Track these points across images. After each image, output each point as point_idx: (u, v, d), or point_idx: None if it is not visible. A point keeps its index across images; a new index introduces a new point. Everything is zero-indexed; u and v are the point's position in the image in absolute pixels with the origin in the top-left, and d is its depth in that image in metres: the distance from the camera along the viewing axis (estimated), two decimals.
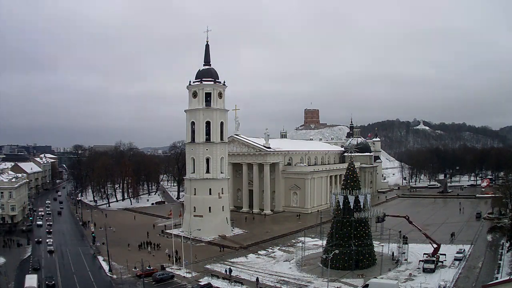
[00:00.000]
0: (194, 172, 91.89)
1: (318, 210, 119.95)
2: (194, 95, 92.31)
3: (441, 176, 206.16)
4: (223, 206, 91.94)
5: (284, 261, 70.05)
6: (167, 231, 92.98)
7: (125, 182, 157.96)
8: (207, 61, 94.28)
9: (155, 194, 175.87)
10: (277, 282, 58.55)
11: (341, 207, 64.42)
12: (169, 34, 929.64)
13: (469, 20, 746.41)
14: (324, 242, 68.88)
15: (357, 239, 63.12)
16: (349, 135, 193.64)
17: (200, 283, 57.40)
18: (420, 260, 65.35)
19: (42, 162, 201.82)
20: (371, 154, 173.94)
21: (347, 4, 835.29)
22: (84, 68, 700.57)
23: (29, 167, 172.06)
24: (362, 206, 64.18)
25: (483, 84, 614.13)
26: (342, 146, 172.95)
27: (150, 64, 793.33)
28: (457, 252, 68.98)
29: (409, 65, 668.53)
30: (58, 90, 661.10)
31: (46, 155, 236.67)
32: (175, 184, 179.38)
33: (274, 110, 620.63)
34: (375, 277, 56.25)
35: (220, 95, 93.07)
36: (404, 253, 68.85)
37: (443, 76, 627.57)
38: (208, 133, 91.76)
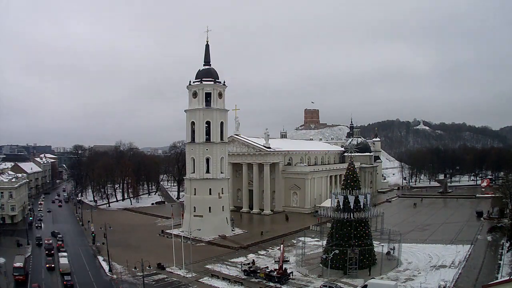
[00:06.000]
0: (194, 172, 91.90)
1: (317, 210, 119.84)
2: (194, 95, 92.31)
3: (441, 176, 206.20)
4: (223, 206, 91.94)
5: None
6: (167, 231, 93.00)
7: (125, 182, 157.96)
8: (207, 61, 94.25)
9: (155, 194, 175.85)
10: (277, 282, 58.53)
11: (341, 207, 64.38)
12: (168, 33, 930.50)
13: (469, 18, 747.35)
14: (324, 242, 68.90)
15: (357, 239, 63.09)
16: (349, 135, 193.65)
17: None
18: None
19: (42, 162, 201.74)
20: (371, 154, 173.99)
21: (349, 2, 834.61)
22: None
23: (29, 167, 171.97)
24: (362, 206, 64.15)
25: (483, 83, 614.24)
26: (342, 146, 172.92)
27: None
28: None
29: (410, 64, 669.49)
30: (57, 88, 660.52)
31: (46, 155, 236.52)
32: (175, 184, 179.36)
33: (274, 110, 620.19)
34: (373, 278, 56.21)
35: (220, 95, 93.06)
36: (392, 249, 68.75)
37: (444, 76, 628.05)
38: (208, 133, 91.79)
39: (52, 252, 75.22)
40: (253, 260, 68.38)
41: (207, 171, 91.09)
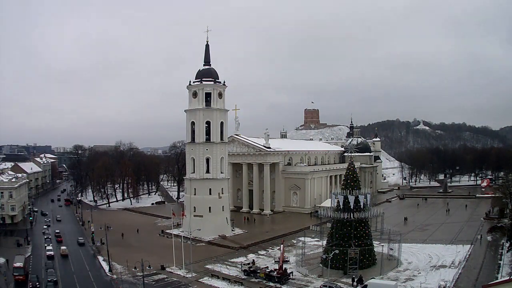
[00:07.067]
0: (194, 172, 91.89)
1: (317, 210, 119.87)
2: (194, 95, 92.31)
3: (441, 176, 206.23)
4: (223, 206, 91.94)
5: None
6: (167, 231, 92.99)
7: (125, 182, 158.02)
8: (207, 61, 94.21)
9: (155, 194, 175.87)
10: (277, 282, 58.53)
11: (341, 207, 64.38)
12: (168, 33, 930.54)
13: (469, 18, 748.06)
14: (324, 242, 68.90)
15: (357, 239, 63.09)
16: (349, 135, 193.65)
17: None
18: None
19: (42, 162, 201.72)
20: (371, 154, 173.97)
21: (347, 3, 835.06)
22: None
23: (29, 167, 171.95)
24: (362, 206, 64.14)
25: (483, 83, 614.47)
26: (342, 146, 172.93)
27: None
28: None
29: (410, 64, 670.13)
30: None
31: (46, 155, 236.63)
32: (175, 184, 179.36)
33: (274, 110, 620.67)
34: (373, 278, 56.21)
35: (220, 95, 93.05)
36: (392, 249, 68.75)
37: (444, 76, 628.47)
38: (208, 133, 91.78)
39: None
40: (253, 260, 68.37)
41: (207, 171, 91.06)
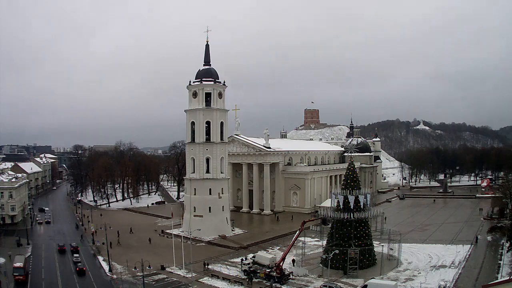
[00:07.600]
0: (194, 172, 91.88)
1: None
2: (194, 95, 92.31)
3: (441, 176, 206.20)
4: (223, 206, 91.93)
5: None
6: (167, 231, 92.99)
7: (125, 182, 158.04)
8: (207, 61, 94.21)
9: (155, 194, 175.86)
10: (277, 282, 58.51)
11: (341, 207, 64.38)
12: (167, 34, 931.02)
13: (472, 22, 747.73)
14: (324, 242, 68.89)
15: (357, 239, 63.10)
16: (349, 135, 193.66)
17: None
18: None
19: (42, 162, 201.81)
20: (371, 154, 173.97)
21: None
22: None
23: (29, 167, 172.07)
24: (362, 206, 64.14)
25: (484, 83, 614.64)
26: (342, 146, 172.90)
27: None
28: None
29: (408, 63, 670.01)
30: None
31: (46, 155, 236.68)
32: (175, 184, 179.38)
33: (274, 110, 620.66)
34: (373, 277, 56.20)
35: (220, 95, 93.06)
36: (392, 249, 68.70)
37: (443, 76, 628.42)
38: (208, 133, 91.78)
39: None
40: (253, 260, 68.26)
41: (207, 171, 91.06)
